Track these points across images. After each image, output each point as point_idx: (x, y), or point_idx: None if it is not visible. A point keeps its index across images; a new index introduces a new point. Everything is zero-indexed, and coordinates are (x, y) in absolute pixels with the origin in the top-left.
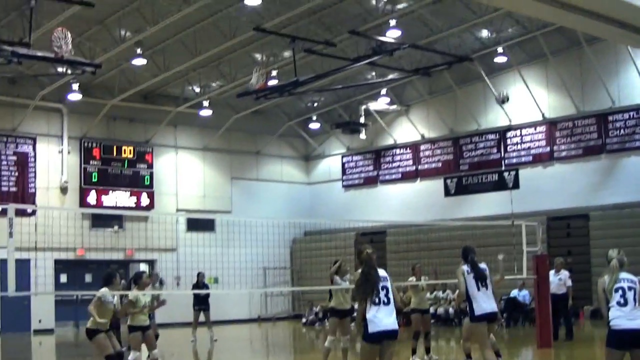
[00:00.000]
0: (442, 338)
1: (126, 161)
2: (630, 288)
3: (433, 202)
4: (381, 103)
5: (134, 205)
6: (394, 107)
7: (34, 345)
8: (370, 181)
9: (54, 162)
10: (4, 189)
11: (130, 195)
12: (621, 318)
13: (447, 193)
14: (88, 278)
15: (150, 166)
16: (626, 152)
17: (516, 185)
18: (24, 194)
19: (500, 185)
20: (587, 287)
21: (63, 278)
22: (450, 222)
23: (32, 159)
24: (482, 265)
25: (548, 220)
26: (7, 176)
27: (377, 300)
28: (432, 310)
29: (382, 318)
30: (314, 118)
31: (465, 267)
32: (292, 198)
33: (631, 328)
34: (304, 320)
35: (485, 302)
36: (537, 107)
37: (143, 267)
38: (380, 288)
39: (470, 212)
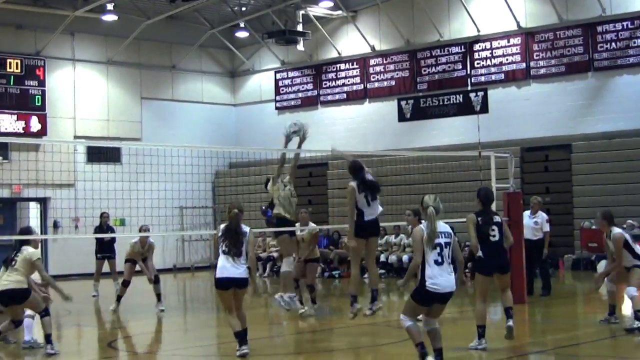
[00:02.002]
0: (394, 292)
1: (12, 77)
2: (446, 244)
3: (385, 128)
4: (323, 8)
5: (21, 131)
6: (339, 12)
7: None
8: (310, 102)
9: None
10: None
11: (18, 119)
12: (440, 279)
13: (402, 117)
14: None
15: (42, 83)
16: (617, 70)
17: (484, 108)
18: None
19: (465, 108)
20: (569, 232)
21: None
22: (406, 152)
23: None
24: (371, 177)
25: (522, 151)
26: None
27: (226, 249)
28: (382, 257)
29: (229, 267)
30: (242, 25)
31: (355, 185)
32: (214, 122)
33: (446, 292)
34: None
35: (369, 216)
36: (511, 14)
37: (33, 206)
38: (240, 242)
39: (430, 140)
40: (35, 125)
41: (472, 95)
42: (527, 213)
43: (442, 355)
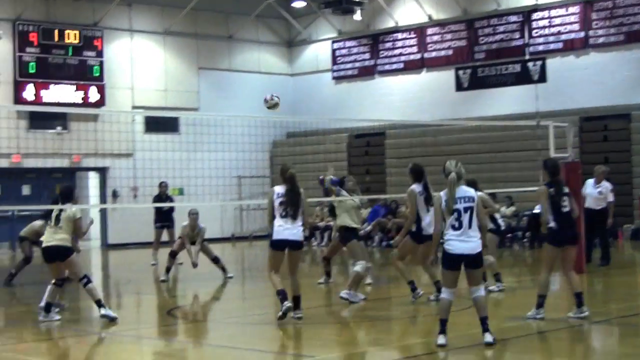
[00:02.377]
0: None
1: (70, 48)
2: (466, 209)
3: (442, 97)
4: None
5: (80, 102)
6: None
7: None
8: (366, 72)
9: None
10: None
11: (77, 89)
12: (454, 241)
13: (459, 87)
14: (26, 190)
15: (100, 54)
16: None
17: (543, 78)
18: None
19: (523, 77)
20: (628, 202)
21: None
22: (463, 122)
23: None
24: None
25: (581, 121)
26: None
27: (284, 212)
28: None
29: (285, 229)
30: None
31: (417, 188)
32: (271, 92)
33: (464, 254)
34: None
35: (431, 226)
36: None
37: (92, 175)
38: (298, 204)
39: (487, 110)
40: (94, 95)
41: (530, 64)
42: (590, 182)
43: (487, 324)
